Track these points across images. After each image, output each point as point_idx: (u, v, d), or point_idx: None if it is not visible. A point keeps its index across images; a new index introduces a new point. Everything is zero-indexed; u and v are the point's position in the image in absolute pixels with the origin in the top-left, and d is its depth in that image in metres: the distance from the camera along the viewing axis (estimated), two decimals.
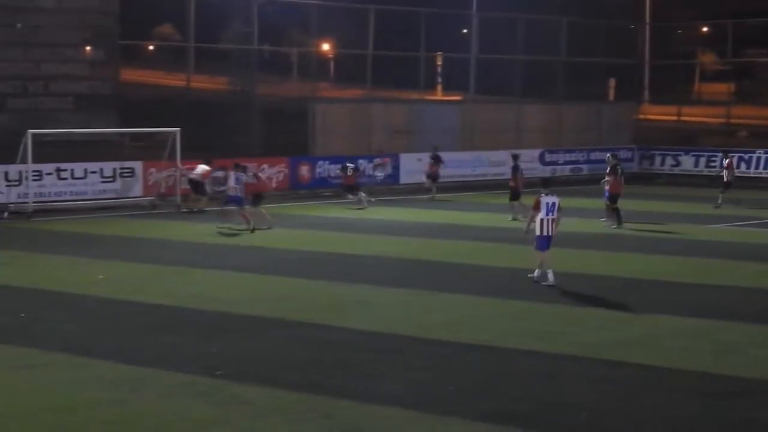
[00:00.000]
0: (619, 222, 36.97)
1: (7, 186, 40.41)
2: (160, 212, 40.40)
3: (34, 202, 40.29)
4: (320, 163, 49.00)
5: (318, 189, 48.27)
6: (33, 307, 22.83)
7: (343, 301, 23.83)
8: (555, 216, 25.61)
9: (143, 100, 46.68)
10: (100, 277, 26.77)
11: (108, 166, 40.69)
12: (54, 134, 41.51)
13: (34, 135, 39.95)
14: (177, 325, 21.11)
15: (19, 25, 42.95)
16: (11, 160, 40.08)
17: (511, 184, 39.11)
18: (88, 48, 44.92)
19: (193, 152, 43.07)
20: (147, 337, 20.02)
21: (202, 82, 51.73)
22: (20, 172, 40.50)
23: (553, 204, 25.67)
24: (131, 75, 48.91)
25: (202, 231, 36.24)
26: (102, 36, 44.88)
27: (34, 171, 40.72)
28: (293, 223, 38.36)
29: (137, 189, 42.36)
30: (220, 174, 40.70)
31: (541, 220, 25.56)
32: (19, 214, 39.70)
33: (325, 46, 58.70)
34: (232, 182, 36.38)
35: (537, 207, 25.68)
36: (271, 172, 46.00)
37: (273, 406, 15.37)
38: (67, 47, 44.19)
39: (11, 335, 19.97)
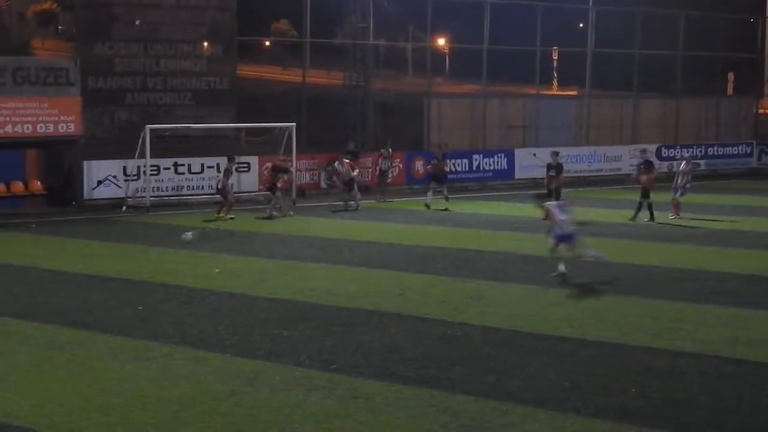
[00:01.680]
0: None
1: (126, 180, 41.02)
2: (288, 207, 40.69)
3: (151, 197, 40.84)
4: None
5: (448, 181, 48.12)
6: (151, 300, 23.10)
7: (459, 296, 23.73)
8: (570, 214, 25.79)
9: (260, 95, 47.00)
10: (216, 270, 27.00)
11: (224, 161, 40.98)
12: (172, 129, 41.97)
13: (152, 130, 40.50)
14: (293, 319, 21.18)
15: (138, 22, 43.44)
16: (130, 155, 40.65)
17: (643, 179, 38.05)
18: (206, 44, 45.31)
19: (309, 147, 43.34)
20: (264, 330, 20.13)
21: (317, 77, 51.97)
22: (138, 167, 41.09)
23: (563, 205, 26.07)
24: (248, 71, 49.26)
25: (316, 225, 36.42)
26: (220, 32, 45.20)
27: (152, 165, 41.29)
28: (406, 218, 38.39)
29: (253, 184, 42.66)
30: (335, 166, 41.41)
31: (562, 220, 25.51)
32: (137, 208, 40.27)
33: (441, 41, 58.59)
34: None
35: (550, 217, 25.78)
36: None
37: (391, 401, 15.35)
38: (186, 43, 44.58)
39: (131, 328, 20.22)
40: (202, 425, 14.29)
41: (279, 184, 38.90)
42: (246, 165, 42.25)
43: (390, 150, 44.78)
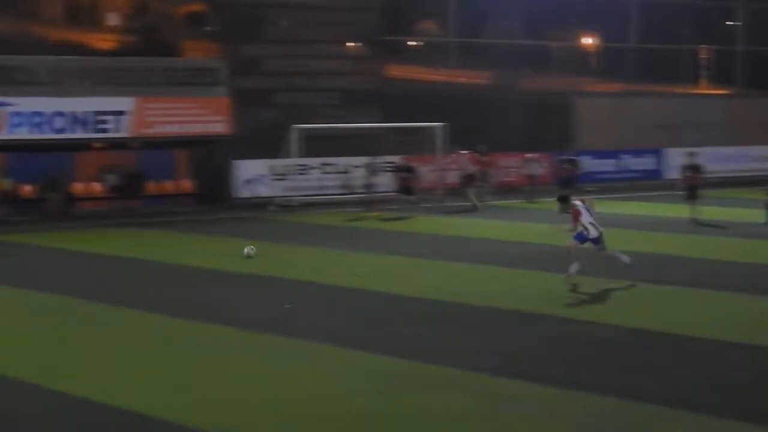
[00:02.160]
0: None
1: (273, 180, 41.42)
2: (422, 206, 40.70)
3: (299, 196, 41.23)
4: (583, 157, 48.44)
5: (581, 184, 47.61)
6: (297, 299, 23.27)
7: (599, 296, 23.53)
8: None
9: (406, 95, 46.92)
10: (363, 269, 27.11)
11: (370, 160, 41.16)
12: (318, 129, 42.23)
13: (299, 130, 40.86)
14: (435, 318, 21.16)
15: (285, 23, 43.82)
16: (276, 155, 41.05)
17: None
18: (351, 44, 45.51)
19: (455, 147, 43.28)
20: (407, 329, 20.12)
21: (464, 77, 51.79)
22: (286, 166, 41.51)
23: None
24: (394, 70, 49.28)
25: (463, 225, 36.39)
26: (365, 32, 45.38)
27: (300, 165, 41.67)
28: (547, 218, 38.15)
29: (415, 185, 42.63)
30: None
31: (589, 222, 24.77)
32: (285, 207, 40.64)
33: (587, 40, 58.01)
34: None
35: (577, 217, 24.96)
36: (533, 166, 45.71)
37: (533, 401, 15.18)
38: (332, 43, 44.88)
39: (276, 326, 20.35)
40: (344, 423, 14.32)
41: (410, 184, 39.08)
42: (392, 165, 42.28)
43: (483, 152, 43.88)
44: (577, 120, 51.07)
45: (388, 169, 39.72)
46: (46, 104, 38.64)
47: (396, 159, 40.32)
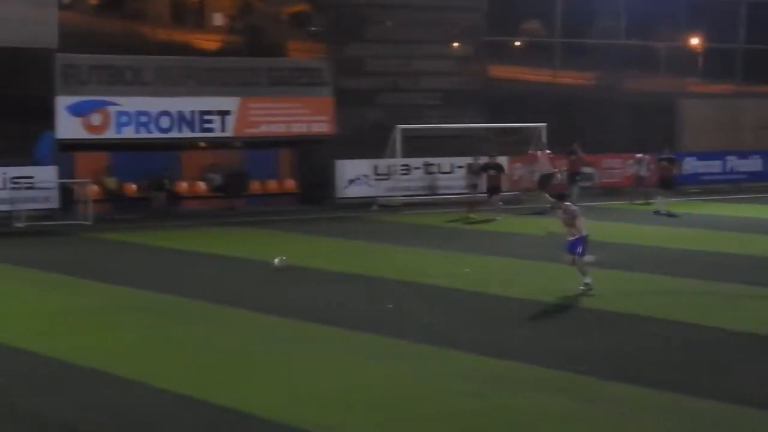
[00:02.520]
0: None
1: (377, 179, 41.48)
2: (524, 207, 40.49)
3: (402, 196, 41.26)
4: (687, 159, 47.91)
5: (685, 185, 47.09)
6: (400, 299, 23.25)
7: (710, 299, 23.20)
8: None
9: (510, 95, 46.83)
10: (466, 270, 27.03)
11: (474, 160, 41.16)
12: (422, 129, 42.22)
13: (403, 130, 40.90)
14: (540, 320, 21.08)
15: (389, 23, 43.89)
16: (380, 154, 41.10)
17: None
18: (456, 44, 45.49)
19: (559, 147, 43.03)
20: (509, 330, 20.04)
21: (568, 78, 51.55)
22: (389, 166, 41.56)
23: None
24: (498, 71, 49.17)
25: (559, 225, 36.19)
26: (470, 33, 45.34)
27: (403, 165, 41.72)
28: (656, 220, 37.83)
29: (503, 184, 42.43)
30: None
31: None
32: (388, 207, 40.67)
33: (694, 41, 57.32)
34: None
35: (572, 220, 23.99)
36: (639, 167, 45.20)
37: (638, 404, 14.99)
38: (436, 44, 44.84)
39: (380, 325, 20.34)
40: (446, 424, 14.26)
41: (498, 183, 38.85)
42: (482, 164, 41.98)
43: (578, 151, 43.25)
44: (682, 121, 50.56)
45: (479, 168, 39.23)
46: (152, 104, 39.09)
47: (485, 158, 39.90)
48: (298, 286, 24.99)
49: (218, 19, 47.68)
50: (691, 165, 47.85)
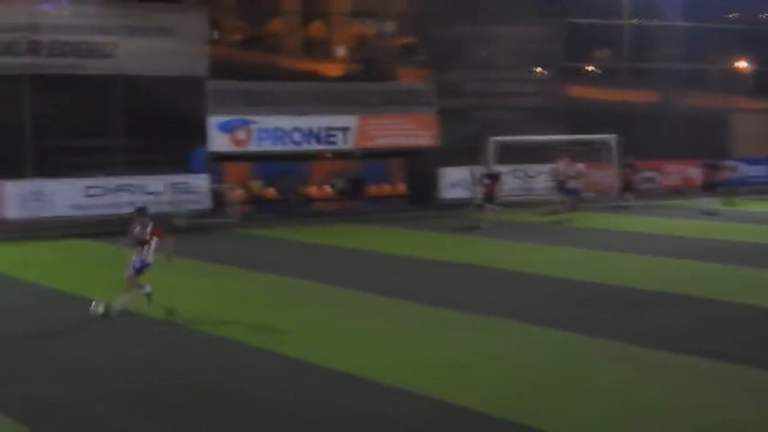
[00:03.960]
0: None
1: (473, 184, 41.59)
2: (593, 206, 40.28)
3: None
4: (737, 163, 47.16)
5: (735, 187, 46.31)
6: (486, 282, 23.34)
7: (759, 283, 22.94)
8: None
9: (585, 111, 46.54)
10: (539, 259, 27.01)
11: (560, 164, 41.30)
12: (511, 141, 42.16)
13: (495, 141, 40.92)
14: (602, 300, 21.02)
15: (483, 52, 43.93)
16: (476, 163, 41.18)
17: None
18: (539, 69, 45.37)
19: (626, 156, 42.84)
20: (577, 309, 20.05)
21: (634, 96, 51.07)
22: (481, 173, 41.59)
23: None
24: (575, 91, 48.94)
25: (623, 221, 35.95)
26: (550, 59, 45.17)
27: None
28: (709, 217, 37.45)
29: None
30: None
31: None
32: (482, 207, 40.69)
33: (742, 64, 56.41)
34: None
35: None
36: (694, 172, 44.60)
37: (690, 373, 14.96)
38: (522, 69, 44.77)
39: (470, 304, 20.44)
40: (521, 387, 14.34)
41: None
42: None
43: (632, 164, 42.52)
44: (733, 133, 49.95)
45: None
46: (286, 122, 39.48)
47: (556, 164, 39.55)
48: (404, 273, 25.15)
49: (340, 51, 48.11)
50: (741, 169, 47.24)
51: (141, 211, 20.20)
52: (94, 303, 19.24)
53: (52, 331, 18.26)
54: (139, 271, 19.48)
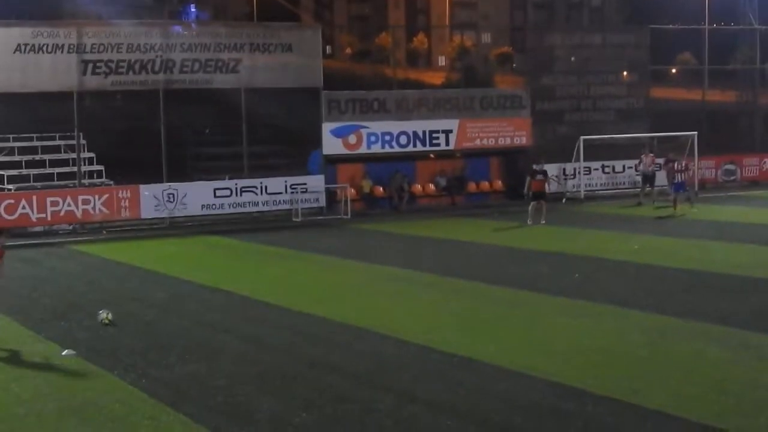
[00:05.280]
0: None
1: (565, 179, 41.29)
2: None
3: (585, 191, 40.88)
4: None
5: None
6: (584, 270, 23.09)
7: None
8: None
9: (668, 111, 45.88)
10: (635, 247, 26.65)
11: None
12: (600, 139, 41.81)
13: (585, 140, 40.58)
14: (696, 285, 20.65)
15: (573, 59, 43.48)
16: (568, 160, 40.91)
17: None
18: (625, 73, 44.77)
19: (706, 152, 42.11)
20: (674, 294, 19.70)
21: (714, 96, 50.15)
22: (574, 169, 41.33)
23: None
24: (659, 92, 48.20)
25: (715, 212, 35.27)
26: (636, 64, 44.48)
27: (585, 167, 41.42)
28: None
29: (661, 179, 41.20)
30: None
31: None
32: (573, 200, 40.37)
33: None
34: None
35: None
36: None
37: None
38: (610, 73, 44.14)
39: (569, 291, 20.30)
40: (623, 369, 14.15)
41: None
42: (657, 165, 40.90)
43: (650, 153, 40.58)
44: None
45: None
46: (394, 126, 39.55)
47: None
48: (506, 261, 25.04)
49: (442, 61, 48.14)
50: None
51: None
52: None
53: (194, 321, 18.49)
54: None
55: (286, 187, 37.25)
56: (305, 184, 37.62)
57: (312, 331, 17.08)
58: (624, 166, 42.76)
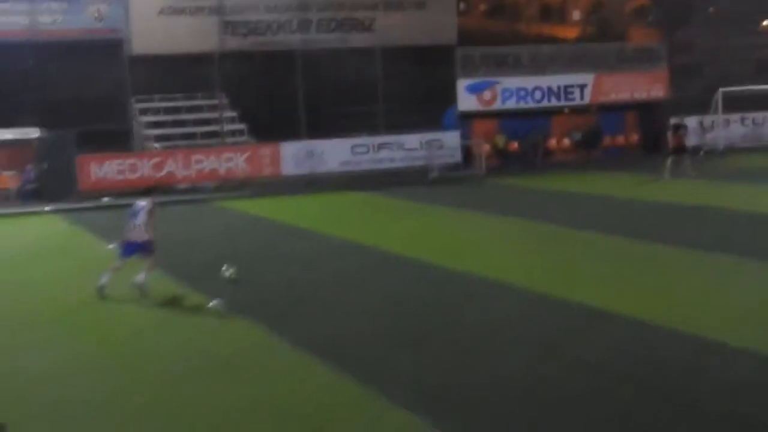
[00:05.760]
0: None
1: (703, 132, 40.04)
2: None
3: (724, 144, 39.63)
4: None
5: None
6: (723, 224, 22.17)
7: None
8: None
9: None
10: None
11: None
12: (739, 91, 40.35)
13: (723, 92, 39.28)
14: None
15: (711, 9, 42.07)
16: (706, 112, 39.69)
17: None
18: (765, 22, 43.07)
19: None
20: None
21: None
22: (713, 121, 40.06)
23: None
24: None
25: None
26: None
27: (724, 119, 40.15)
28: None
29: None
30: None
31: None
32: (712, 152, 39.11)
33: None
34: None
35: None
36: None
37: None
38: (747, 23, 42.62)
39: (708, 244, 19.44)
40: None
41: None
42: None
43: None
44: None
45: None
46: (528, 82, 38.96)
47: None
48: (645, 215, 24.31)
49: (576, 15, 47.05)
50: None
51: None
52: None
53: (335, 276, 18.44)
54: None
55: (421, 143, 37.02)
56: (440, 140, 37.32)
57: (452, 287, 16.80)
58: (765, 118, 41.20)
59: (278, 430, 10.14)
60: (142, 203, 17.35)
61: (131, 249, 17.16)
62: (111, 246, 20.89)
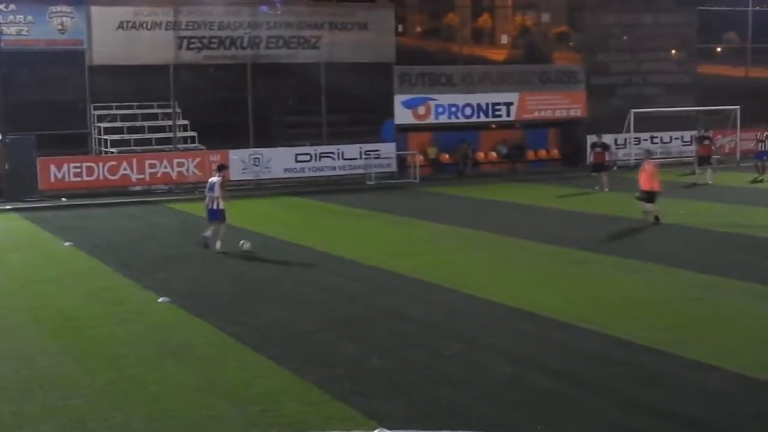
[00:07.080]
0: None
1: (617, 148, 40.49)
2: (719, 167, 38.80)
3: (634, 159, 40.31)
4: None
5: None
6: (634, 232, 22.74)
7: None
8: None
9: (713, 87, 44.88)
10: (681, 212, 26.17)
11: (687, 134, 40.15)
12: (649, 112, 41.20)
13: (635, 113, 40.02)
14: (738, 247, 20.25)
15: (625, 38, 42.81)
16: (619, 131, 40.35)
17: None
18: (674, 51, 43.93)
19: (750, 124, 41.18)
20: (720, 255, 19.38)
21: (757, 73, 48.94)
22: (625, 139, 40.81)
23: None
24: (705, 69, 47.14)
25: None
26: (684, 42, 43.71)
27: (635, 137, 40.85)
28: None
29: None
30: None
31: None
32: (621, 167, 39.80)
33: None
34: None
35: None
36: None
37: None
38: (659, 51, 43.40)
39: (618, 249, 20.01)
40: (669, 321, 13.95)
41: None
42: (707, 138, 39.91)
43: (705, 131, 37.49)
44: None
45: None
46: (459, 99, 39.33)
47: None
48: (563, 223, 24.75)
49: (504, 39, 47.66)
50: None
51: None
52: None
53: (278, 272, 18.64)
54: None
55: (360, 153, 37.32)
56: (378, 150, 37.64)
57: (386, 283, 17.10)
58: (671, 137, 42.11)
59: (229, 409, 10.39)
60: (215, 179, 20.70)
61: (211, 216, 20.82)
62: (67, 243, 20.91)
